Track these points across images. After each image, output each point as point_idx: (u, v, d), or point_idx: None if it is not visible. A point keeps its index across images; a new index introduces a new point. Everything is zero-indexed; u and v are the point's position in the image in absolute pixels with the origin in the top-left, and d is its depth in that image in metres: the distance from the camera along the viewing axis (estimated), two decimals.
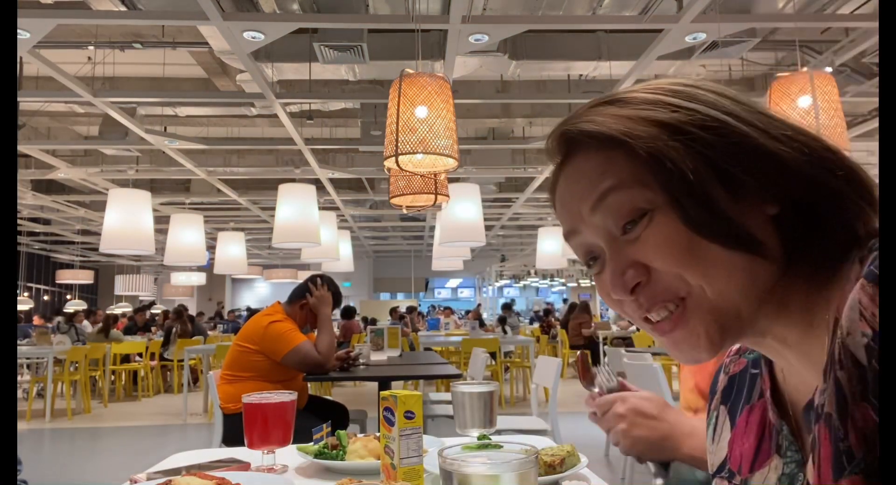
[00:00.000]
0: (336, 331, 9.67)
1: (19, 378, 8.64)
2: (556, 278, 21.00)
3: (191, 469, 1.22)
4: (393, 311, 12.92)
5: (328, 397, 3.70)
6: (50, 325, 11.01)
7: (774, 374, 0.59)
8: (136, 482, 1.13)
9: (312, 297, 3.29)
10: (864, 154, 6.85)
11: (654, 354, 4.52)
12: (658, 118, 0.52)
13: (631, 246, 0.53)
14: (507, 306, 13.58)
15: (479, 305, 17.89)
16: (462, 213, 4.78)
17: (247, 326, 3.28)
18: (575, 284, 20.98)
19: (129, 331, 10.44)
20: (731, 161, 0.50)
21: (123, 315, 13.41)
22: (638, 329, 8.82)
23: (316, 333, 3.32)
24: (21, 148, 6.44)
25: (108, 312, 12.07)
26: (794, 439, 0.55)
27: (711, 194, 0.50)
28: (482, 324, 10.90)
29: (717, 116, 0.51)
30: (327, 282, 3.38)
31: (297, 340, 3.11)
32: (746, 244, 0.50)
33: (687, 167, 0.50)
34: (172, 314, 9.95)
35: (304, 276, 3.65)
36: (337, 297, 3.41)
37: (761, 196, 0.50)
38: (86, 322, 11.04)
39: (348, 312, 10.18)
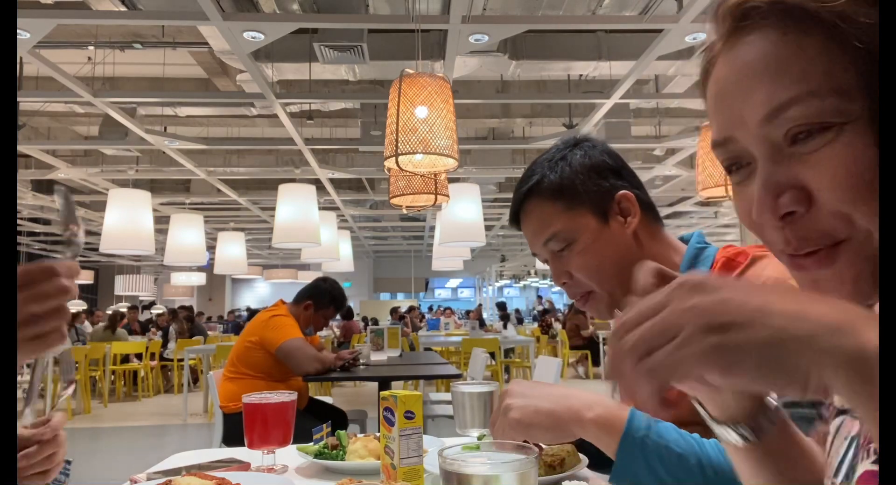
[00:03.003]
0: (336, 331, 9.72)
1: (19, 378, 8.63)
2: None
3: (191, 469, 1.22)
4: (393, 311, 12.93)
5: (326, 401, 3.72)
6: None
7: None
8: (136, 482, 1.13)
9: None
10: None
11: None
12: None
13: (797, 163, 0.41)
14: (502, 306, 13.77)
15: (480, 305, 17.91)
16: (462, 213, 4.78)
17: (251, 320, 3.38)
18: None
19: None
20: None
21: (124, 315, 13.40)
22: None
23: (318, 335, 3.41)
24: (21, 148, 6.44)
25: (117, 309, 12.03)
26: None
27: None
28: (482, 324, 10.91)
29: None
30: (332, 284, 3.50)
31: (295, 335, 3.17)
32: None
33: None
34: (168, 314, 9.98)
35: (304, 276, 3.70)
36: (341, 301, 3.53)
37: None
38: (86, 323, 11.05)
39: (348, 312, 10.20)
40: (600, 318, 1.06)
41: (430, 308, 19.44)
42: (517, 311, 17.30)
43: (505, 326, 10.69)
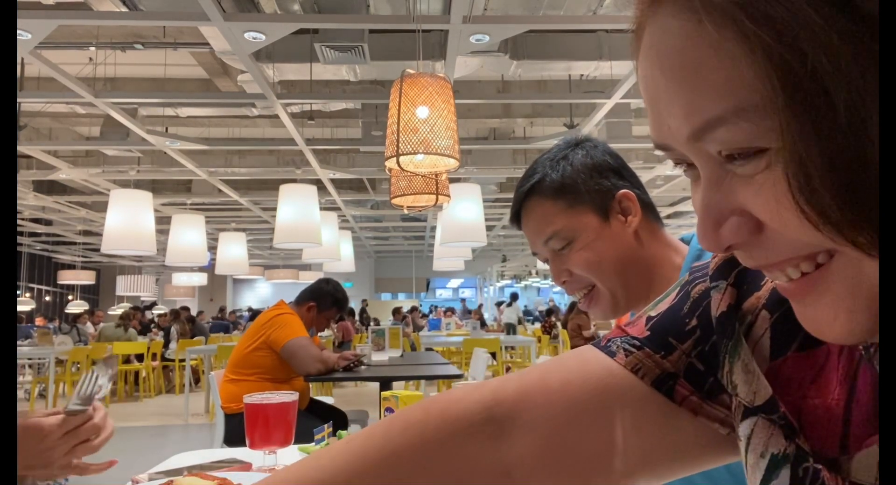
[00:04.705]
0: (334, 330, 9.72)
1: (21, 379, 8.64)
2: None
3: (192, 470, 1.22)
4: (396, 311, 12.93)
5: (327, 402, 3.72)
6: (52, 325, 11.01)
7: None
8: (137, 483, 1.13)
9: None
10: None
11: None
12: None
13: (740, 184, 0.32)
14: (507, 304, 13.74)
15: (481, 305, 17.93)
16: (463, 213, 4.78)
17: (253, 322, 3.37)
18: None
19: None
20: None
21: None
22: None
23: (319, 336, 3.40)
24: (22, 149, 6.44)
25: (128, 309, 12.02)
26: None
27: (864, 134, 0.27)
28: (483, 324, 10.91)
29: None
30: (335, 286, 3.50)
31: (301, 333, 3.17)
32: None
33: (847, 80, 0.26)
34: (170, 315, 9.99)
35: (305, 276, 3.71)
36: (344, 303, 3.55)
37: None
38: (88, 323, 11.06)
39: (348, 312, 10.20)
40: (603, 319, 1.06)
41: (434, 308, 19.45)
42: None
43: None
